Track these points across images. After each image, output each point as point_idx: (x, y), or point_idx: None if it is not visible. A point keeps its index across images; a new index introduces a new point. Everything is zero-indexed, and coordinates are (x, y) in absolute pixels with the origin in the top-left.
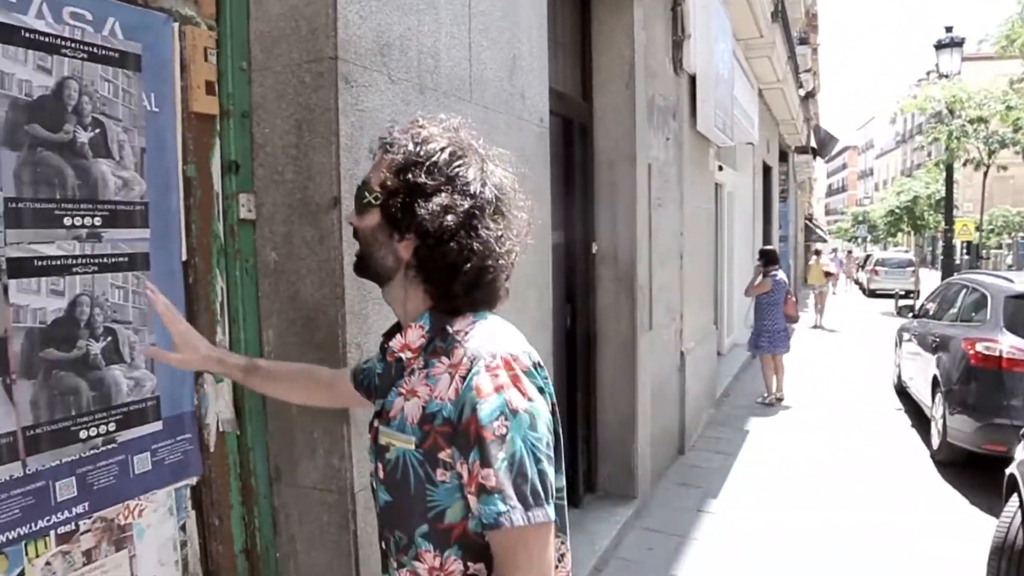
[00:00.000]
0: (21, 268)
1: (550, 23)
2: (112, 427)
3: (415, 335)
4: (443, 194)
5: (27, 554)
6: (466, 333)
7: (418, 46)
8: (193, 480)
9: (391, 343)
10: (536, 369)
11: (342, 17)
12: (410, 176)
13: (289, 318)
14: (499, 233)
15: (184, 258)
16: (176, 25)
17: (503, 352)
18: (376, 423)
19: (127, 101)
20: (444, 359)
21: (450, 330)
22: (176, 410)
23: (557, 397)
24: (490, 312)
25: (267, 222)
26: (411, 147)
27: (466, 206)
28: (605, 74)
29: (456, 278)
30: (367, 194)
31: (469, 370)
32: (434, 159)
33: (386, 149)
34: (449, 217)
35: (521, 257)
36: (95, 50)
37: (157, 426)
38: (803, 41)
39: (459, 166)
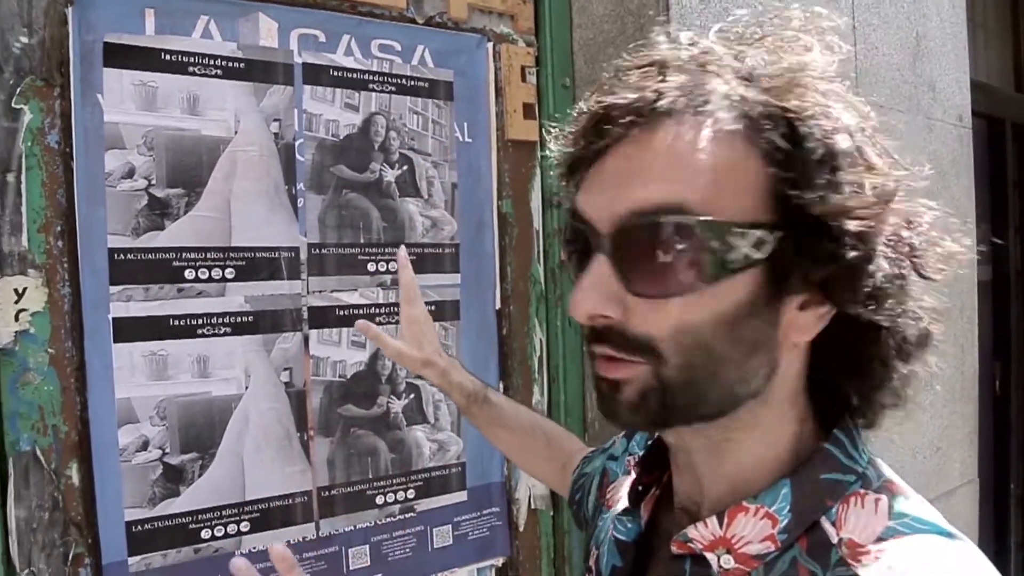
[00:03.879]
0: (323, 318)
1: None
2: (411, 494)
3: (753, 529)
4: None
5: None
6: (889, 563)
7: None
8: (499, 561)
9: (691, 531)
10: None
11: (675, 4)
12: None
13: None
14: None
15: (498, 306)
16: (490, 45)
17: None
18: None
19: (437, 133)
20: None
21: (832, 536)
22: (483, 480)
23: (980, 490)
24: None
25: None
26: (825, 126)
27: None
28: None
29: (873, 378)
30: (726, 236)
31: None
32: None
33: (761, 129)
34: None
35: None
36: (404, 82)
37: (461, 496)
38: None
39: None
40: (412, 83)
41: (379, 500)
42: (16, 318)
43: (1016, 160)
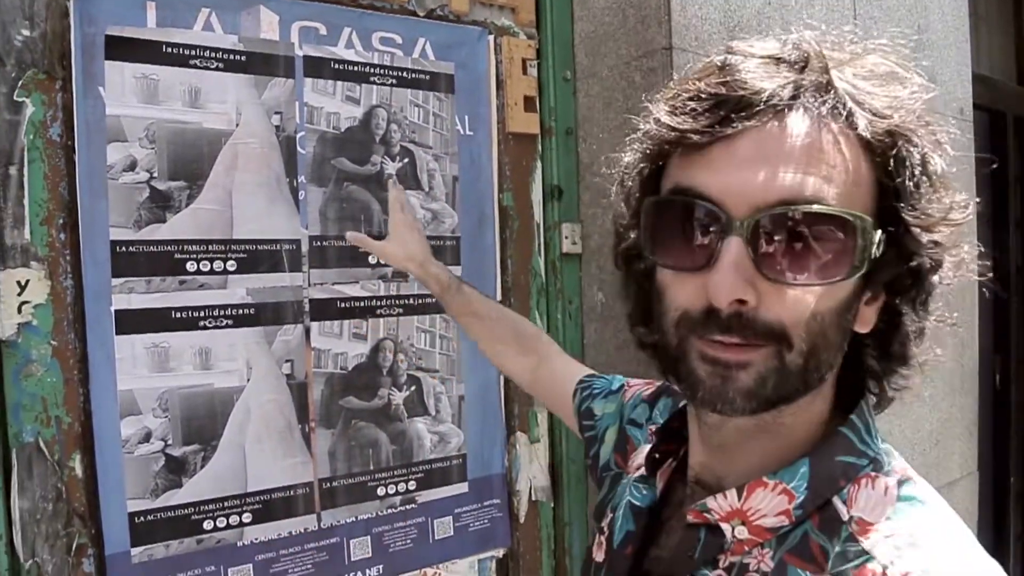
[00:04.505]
0: (324, 310)
1: None
2: (412, 485)
3: (769, 503)
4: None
5: None
6: (895, 542)
7: (783, 23)
8: (500, 552)
9: (711, 502)
10: None
11: None
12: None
13: (618, 372)
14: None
15: (499, 298)
16: (491, 38)
17: None
18: None
19: (438, 126)
20: None
21: (843, 514)
22: (484, 472)
23: (980, 483)
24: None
25: (594, 256)
26: (924, 148)
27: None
28: None
29: (896, 363)
30: (868, 233)
31: None
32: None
33: (880, 141)
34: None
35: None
36: (405, 74)
37: (462, 488)
38: None
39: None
40: (413, 76)
41: (380, 491)
42: (19, 310)
43: (1017, 154)
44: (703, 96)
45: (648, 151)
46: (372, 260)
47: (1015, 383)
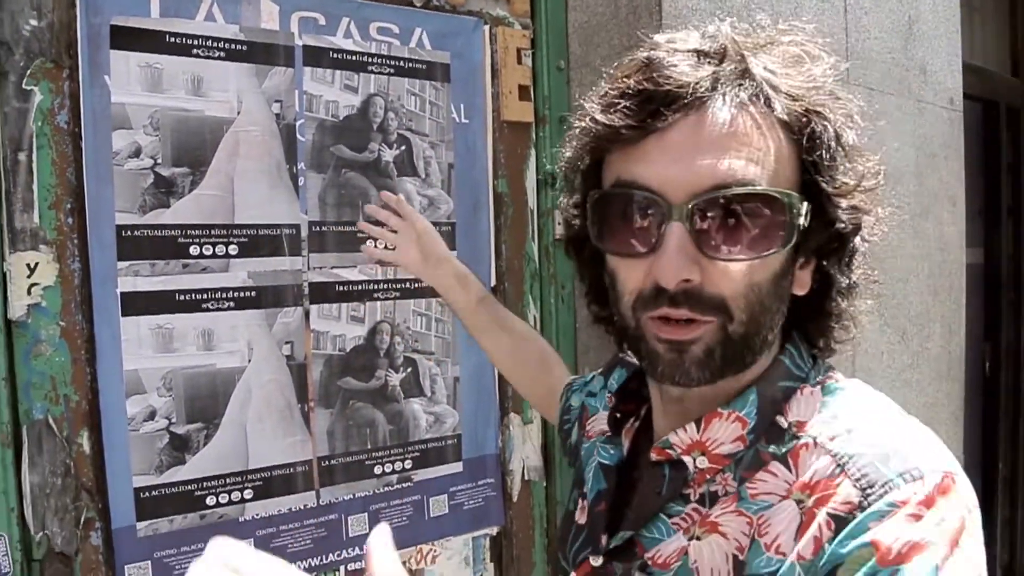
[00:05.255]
0: (323, 293)
1: None
2: (408, 464)
3: (725, 431)
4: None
5: None
6: (818, 428)
7: (773, 15)
8: (493, 530)
9: (672, 437)
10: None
11: None
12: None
13: (609, 352)
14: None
15: (493, 283)
16: (487, 28)
17: (935, 466)
18: (606, 566)
19: (434, 114)
20: (776, 467)
21: (784, 423)
22: (478, 452)
23: (968, 469)
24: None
25: None
26: (837, 123)
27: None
28: None
29: (833, 320)
30: (795, 208)
31: (858, 505)
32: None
33: (798, 121)
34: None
35: (919, 283)
36: (402, 64)
37: (457, 467)
38: None
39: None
40: (410, 65)
41: (377, 470)
42: (29, 292)
43: (1010, 143)
44: (631, 93)
45: (587, 147)
46: (370, 245)
47: (1005, 370)
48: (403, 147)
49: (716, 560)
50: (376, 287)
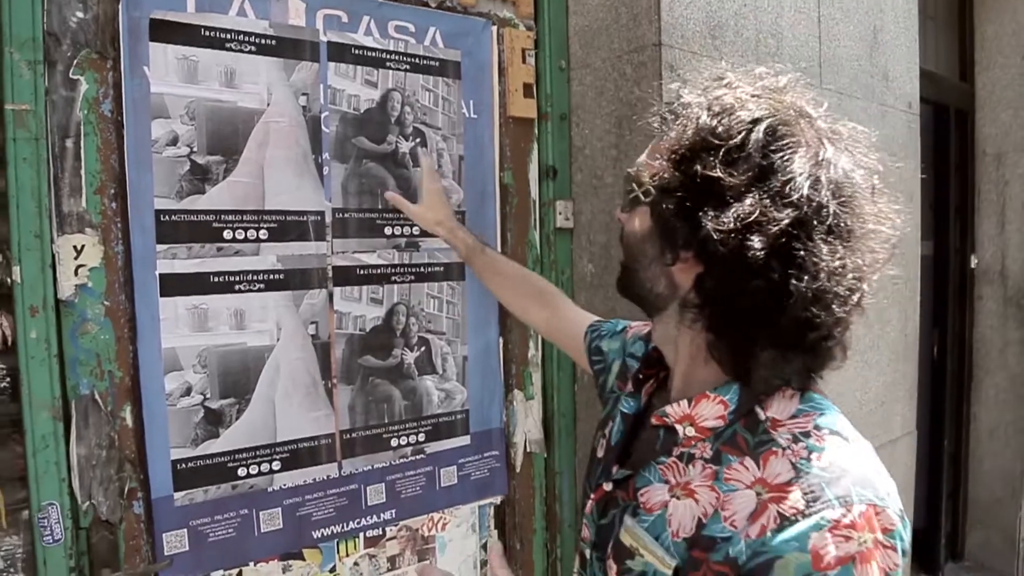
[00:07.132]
0: (346, 276)
1: None
2: (422, 437)
3: (710, 410)
4: (749, 197)
5: (339, 552)
6: (792, 432)
7: (756, 24)
8: (498, 499)
9: (668, 409)
10: (904, 524)
11: None
12: (698, 166)
13: None
14: (837, 263)
15: None
16: (495, 29)
17: (865, 497)
18: (613, 491)
19: (446, 109)
20: (748, 463)
21: (761, 416)
22: (484, 426)
23: (918, 442)
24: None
25: (584, 231)
26: (705, 119)
27: (784, 219)
28: (992, 46)
29: (759, 333)
30: (634, 185)
31: (801, 511)
32: (739, 139)
33: (667, 122)
34: (755, 237)
35: (884, 271)
36: (417, 60)
37: (465, 440)
38: None
39: (780, 151)
40: (425, 62)
41: (394, 443)
42: (76, 272)
43: (958, 144)
44: None
45: None
46: (388, 231)
47: (950, 355)
48: (418, 139)
49: (685, 518)
50: (393, 271)
